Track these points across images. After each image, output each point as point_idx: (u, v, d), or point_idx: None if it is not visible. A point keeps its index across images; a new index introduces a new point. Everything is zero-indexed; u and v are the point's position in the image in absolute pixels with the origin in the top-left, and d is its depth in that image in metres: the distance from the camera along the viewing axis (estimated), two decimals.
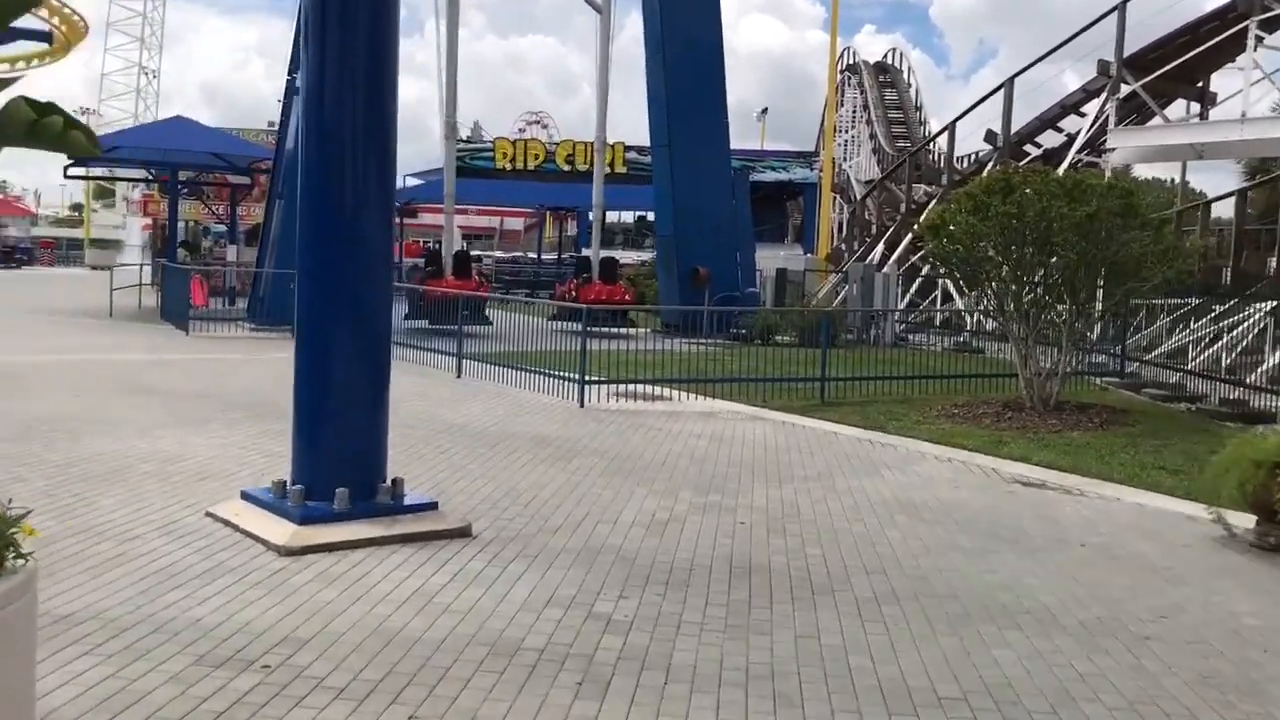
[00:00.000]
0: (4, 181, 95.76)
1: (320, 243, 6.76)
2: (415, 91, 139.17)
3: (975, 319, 21.46)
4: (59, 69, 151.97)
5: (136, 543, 6.18)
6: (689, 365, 14.27)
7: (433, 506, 6.98)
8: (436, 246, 28.70)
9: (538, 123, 54.61)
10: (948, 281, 23.28)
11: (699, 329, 18.14)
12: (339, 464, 6.68)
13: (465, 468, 8.78)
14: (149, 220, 48.05)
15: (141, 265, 30.55)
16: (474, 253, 34.40)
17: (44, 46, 49.99)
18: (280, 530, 6.33)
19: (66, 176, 25.30)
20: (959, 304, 23.90)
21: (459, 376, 14.91)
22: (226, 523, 6.62)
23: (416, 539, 6.45)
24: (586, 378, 12.93)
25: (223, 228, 33.41)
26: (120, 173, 31.24)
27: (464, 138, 32.93)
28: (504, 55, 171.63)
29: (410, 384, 12.78)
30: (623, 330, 17.31)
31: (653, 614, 5.39)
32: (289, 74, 20.74)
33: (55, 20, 47.23)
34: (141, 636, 4.75)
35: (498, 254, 52.79)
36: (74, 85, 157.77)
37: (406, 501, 6.91)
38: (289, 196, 19.91)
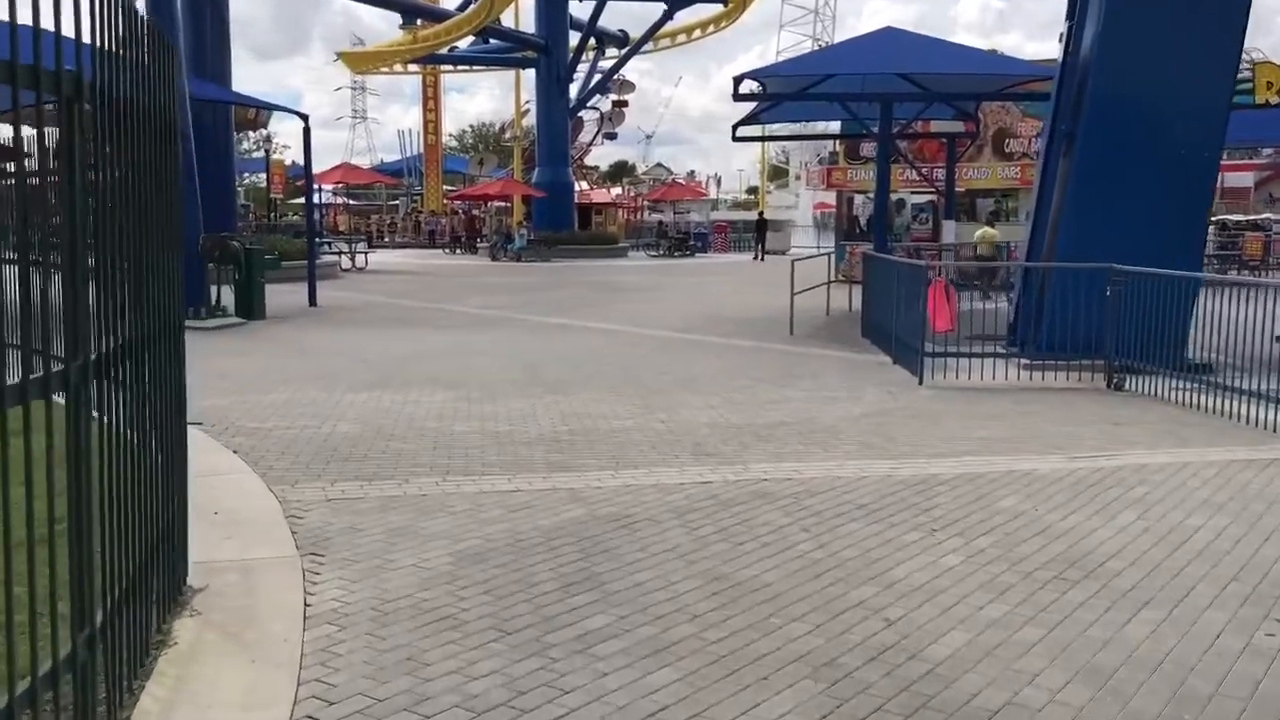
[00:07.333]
0: (692, 171, 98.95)
1: None
2: None
3: None
4: (739, 55, 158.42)
5: None
6: None
7: None
8: None
9: None
10: None
11: None
12: None
13: None
14: (824, 197, 42.04)
15: (820, 251, 23.91)
16: None
17: (719, 9, 46.83)
18: None
19: (735, 139, 18.85)
20: None
21: None
22: None
23: None
24: None
25: (924, 197, 25.01)
26: (799, 129, 24.66)
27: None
28: None
29: None
30: None
31: None
32: None
33: None
34: None
35: None
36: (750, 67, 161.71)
37: None
38: (1089, 141, 11.42)
